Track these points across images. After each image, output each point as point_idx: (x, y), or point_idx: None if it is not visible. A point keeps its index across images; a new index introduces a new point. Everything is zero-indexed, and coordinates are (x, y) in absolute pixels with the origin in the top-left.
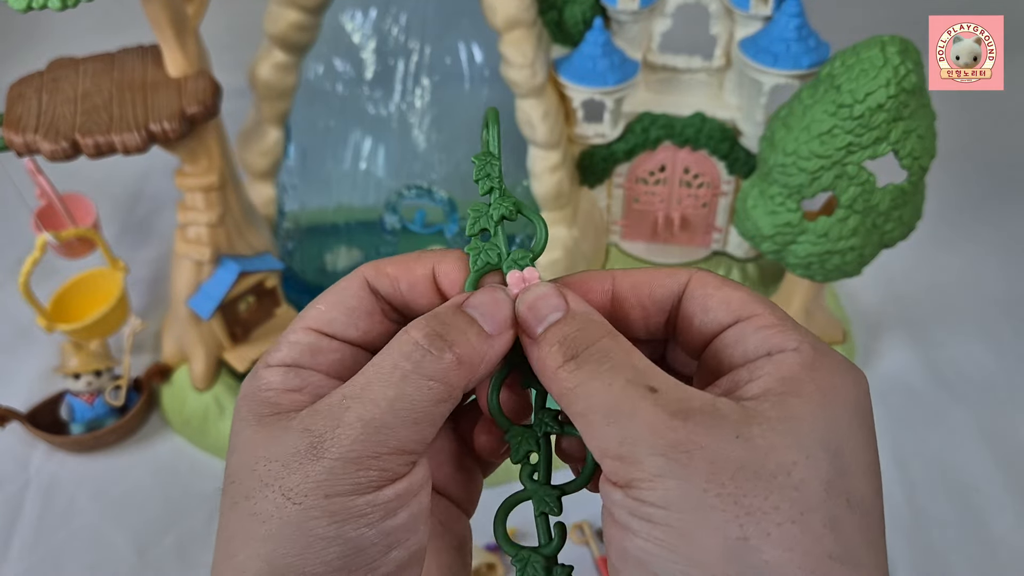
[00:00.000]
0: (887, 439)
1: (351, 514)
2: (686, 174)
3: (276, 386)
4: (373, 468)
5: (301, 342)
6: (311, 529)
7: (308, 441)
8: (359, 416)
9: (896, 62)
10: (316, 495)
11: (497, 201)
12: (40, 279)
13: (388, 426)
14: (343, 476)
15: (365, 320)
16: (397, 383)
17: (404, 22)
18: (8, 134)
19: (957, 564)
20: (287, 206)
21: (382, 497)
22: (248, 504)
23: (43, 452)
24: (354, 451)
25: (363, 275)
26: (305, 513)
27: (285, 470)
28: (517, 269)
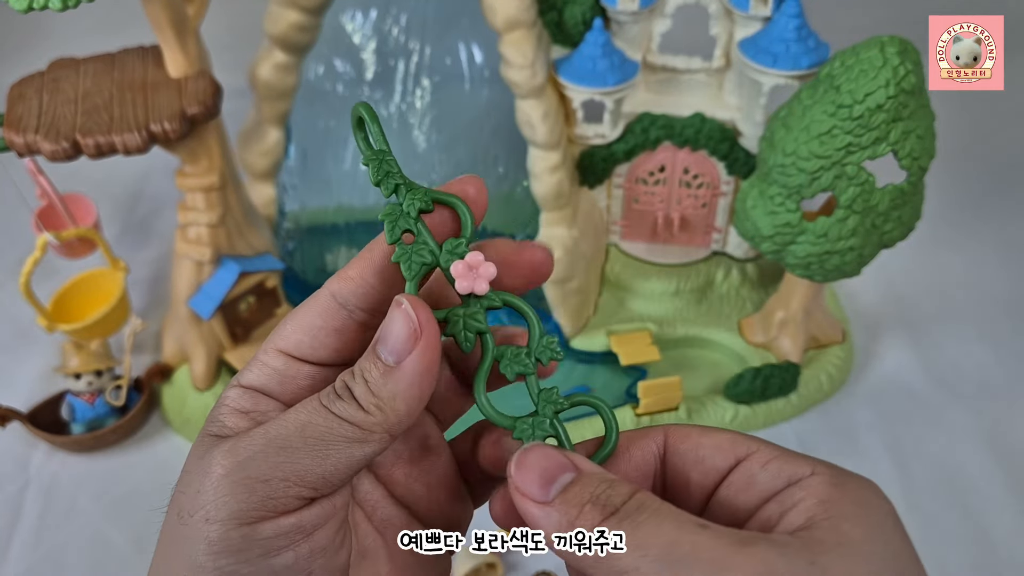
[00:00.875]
0: (887, 439)
1: (227, 546)
2: (686, 174)
3: (232, 405)
4: (255, 495)
5: (271, 365)
6: (195, 555)
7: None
8: (264, 433)
9: (895, 62)
10: (199, 516)
11: (408, 196)
12: (41, 279)
13: (291, 447)
14: (226, 499)
15: (334, 338)
16: (310, 412)
17: (404, 23)
18: (9, 134)
19: (957, 564)
20: (287, 206)
21: (260, 533)
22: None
23: (44, 452)
24: (242, 470)
25: (328, 290)
26: (191, 533)
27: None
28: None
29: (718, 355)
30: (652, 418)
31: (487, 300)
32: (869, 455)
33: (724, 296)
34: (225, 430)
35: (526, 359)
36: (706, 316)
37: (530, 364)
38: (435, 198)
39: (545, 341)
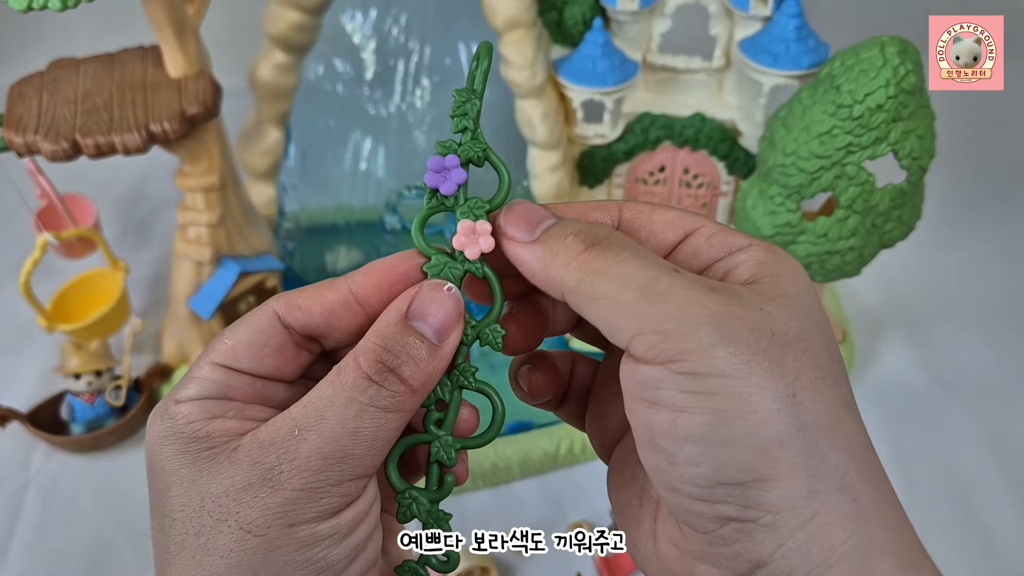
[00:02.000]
0: (887, 439)
1: (316, 538)
2: (686, 174)
3: (196, 418)
4: (335, 495)
5: (210, 378)
6: (279, 556)
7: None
8: (318, 449)
9: (895, 62)
10: (279, 525)
11: (468, 143)
12: (41, 279)
13: (352, 456)
14: (306, 506)
15: (274, 357)
16: (355, 416)
17: (404, 23)
18: (9, 134)
19: (957, 564)
20: (287, 206)
21: (344, 519)
22: (200, 540)
23: (43, 452)
24: (316, 482)
25: (273, 309)
26: (269, 543)
27: (239, 505)
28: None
29: None
30: None
31: (471, 265)
32: None
33: None
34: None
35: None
36: None
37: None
38: (489, 157)
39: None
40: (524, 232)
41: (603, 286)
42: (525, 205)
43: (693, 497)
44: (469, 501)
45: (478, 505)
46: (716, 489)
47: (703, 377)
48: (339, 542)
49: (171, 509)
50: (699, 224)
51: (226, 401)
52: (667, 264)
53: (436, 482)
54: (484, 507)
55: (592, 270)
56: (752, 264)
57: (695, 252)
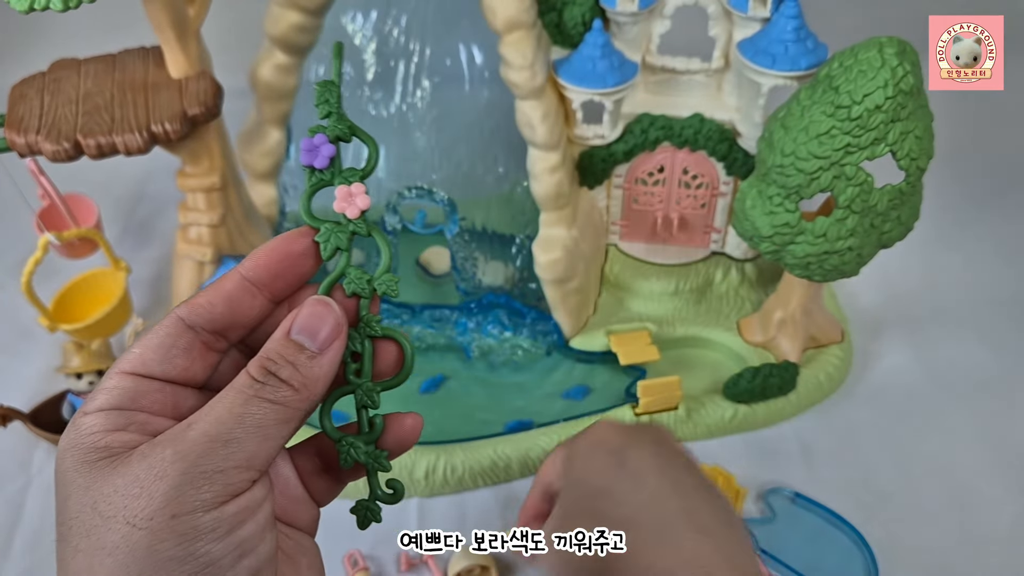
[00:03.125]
0: (886, 439)
1: (199, 531)
2: (685, 175)
3: (99, 429)
4: (217, 483)
5: (119, 387)
6: (161, 552)
7: (147, 465)
8: (204, 432)
9: (894, 63)
10: (162, 516)
11: (333, 123)
12: (42, 279)
13: (237, 439)
14: (189, 492)
15: (182, 357)
16: (242, 404)
17: (404, 24)
18: (10, 135)
19: (956, 564)
20: (288, 206)
21: (227, 511)
22: (90, 541)
23: (45, 451)
24: (199, 466)
25: (176, 315)
26: (152, 536)
27: (126, 499)
28: (346, 184)
29: (717, 355)
30: (652, 417)
31: (354, 225)
32: (868, 454)
33: (723, 296)
34: (113, 451)
35: (366, 284)
36: (705, 316)
37: (367, 289)
38: (354, 131)
39: (387, 277)
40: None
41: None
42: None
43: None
44: (469, 501)
45: (478, 505)
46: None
47: None
48: (222, 537)
49: (68, 517)
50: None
51: (132, 412)
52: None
53: (367, 426)
54: (484, 507)
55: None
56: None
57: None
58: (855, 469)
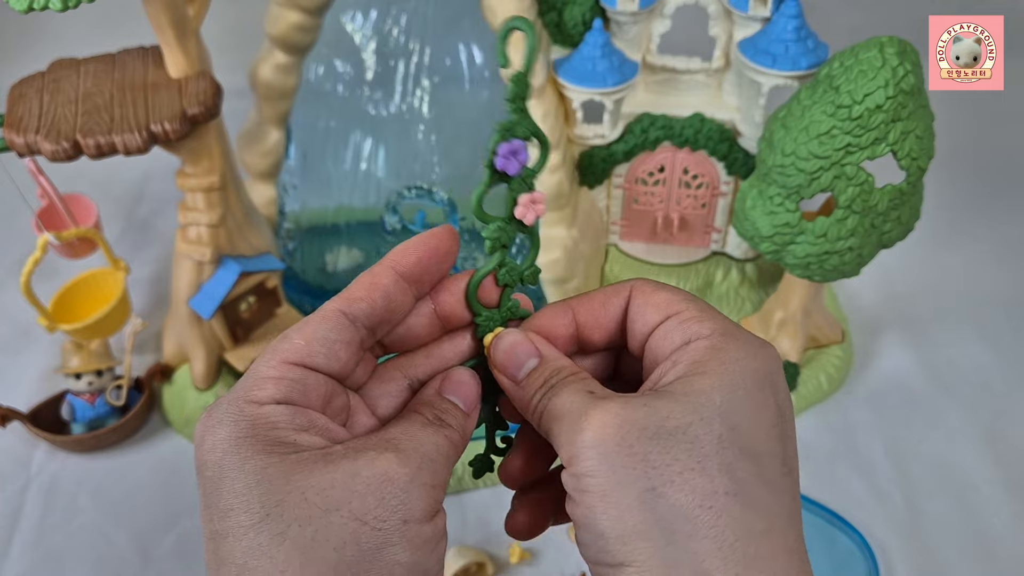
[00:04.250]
0: (885, 438)
1: (422, 539)
2: (685, 175)
3: (285, 424)
4: (430, 497)
5: (288, 377)
6: (391, 555)
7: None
8: (415, 448)
9: (894, 63)
10: (395, 519)
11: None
12: (41, 279)
13: (436, 462)
14: (414, 502)
15: (345, 350)
16: (432, 434)
17: (404, 23)
18: (9, 135)
19: (956, 564)
20: (288, 206)
21: (439, 524)
22: (309, 531)
23: (44, 451)
24: (418, 478)
25: (335, 308)
26: (385, 538)
27: (351, 495)
28: (526, 191)
29: None
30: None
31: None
32: (868, 455)
33: (723, 296)
34: (301, 448)
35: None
36: None
37: (516, 280)
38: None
39: (534, 268)
40: (512, 371)
41: (547, 424)
42: (512, 341)
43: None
44: (469, 501)
45: (478, 505)
46: (597, 567)
47: (581, 477)
48: (433, 550)
49: (261, 506)
50: (682, 308)
51: (307, 410)
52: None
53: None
54: (484, 507)
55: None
56: (687, 363)
57: (667, 334)
58: (855, 469)
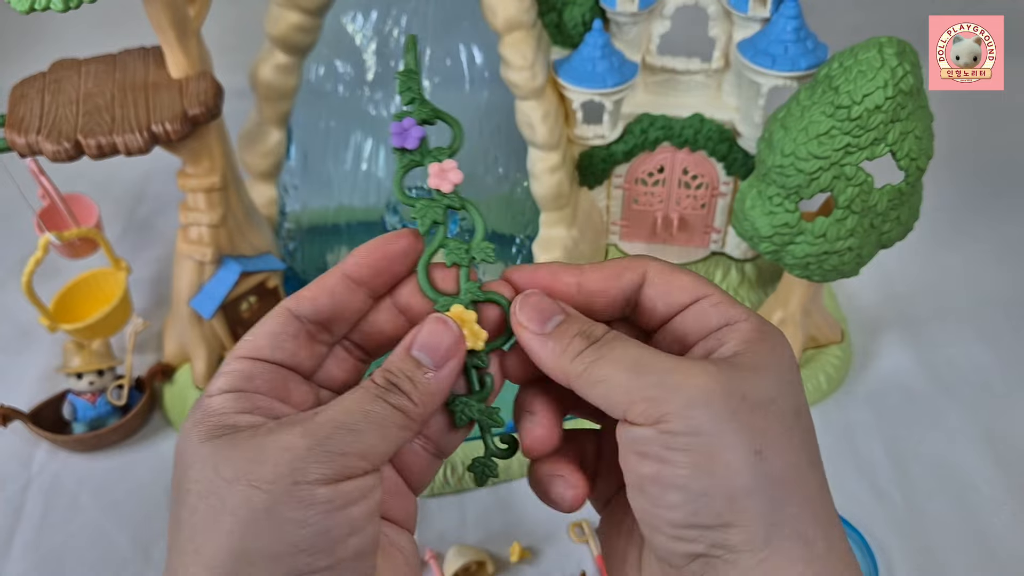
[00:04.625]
0: (885, 439)
1: (316, 500)
2: (685, 175)
3: (227, 410)
4: (337, 463)
5: (236, 369)
6: (280, 512)
7: (274, 439)
8: (332, 418)
9: (894, 64)
10: (284, 482)
11: (418, 108)
12: (43, 279)
13: (360, 430)
14: (311, 465)
15: (291, 342)
16: (370, 401)
17: (404, 24)
18: (11, 135)
19: (955, 563)
20: (288, 206)
21: (343, 488)
22: (211, 501)
23: (45, 451)
24: (324, 444)
25: (284, 306)
26: (273, 498)
27: (251, 464)
28: (437, 162)
29: None
30: None
31: (448, 199)
32: (867, 454)
33: None
34: (239, 429)
35: (464, 253)
36: None
37: (466, 258)
38: (437, 114)
39: (484, 244)
40: (537, 325)
41: (601, 372)
42: (538, 298)
43: (669, 536)
44: (469, 501)
45: (478, 505)
46: (689, 530)
47: (682, 435)
48: (335, 510)
49: (188, 484)
50: (709, 291)
51: (251, 394)
52: (649, 348)
53: (478, 384)
54: (484, 507)
55: (591, 360)
56: (739, 341)
57: (700, 315)
58: (855, 469)
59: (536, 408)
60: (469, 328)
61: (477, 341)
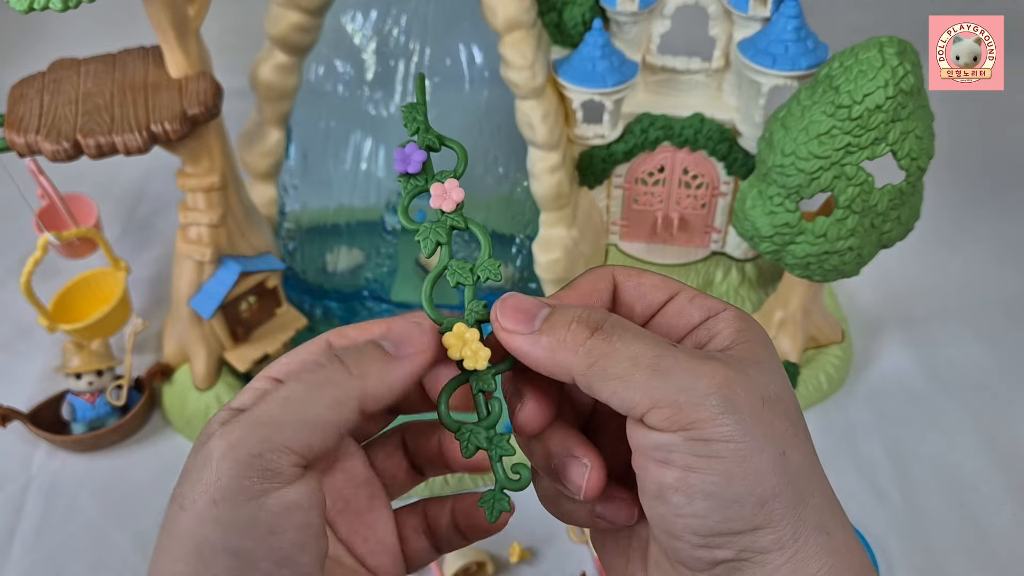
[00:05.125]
0: (885, 438)
1: (237, 523)
2: (685, 175)
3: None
4: (255, 467)
5: (263, 388)
6: (201, 538)
7: (206, 450)
8: (248, 415)
9: (894, 63)
10: (203, 500)
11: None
12: (42, 279)
13: (275, 422)
14: (228, 478)
15: None
16: (290, 387)
17: (404, 23)
18: (10, 135)
19: (955, 563)
20: (288, 206)
21: (267, 506)
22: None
23: (45, 451)
24: (239, 448)
25: (326, 339)
26: (194, 519)
27: (187, 482)
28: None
29: None
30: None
31: (452, 219)
32: (868, 454)
33: (723, 296)
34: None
35: (468, 273)
36: None
37: (470, 277)
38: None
39: (489, 262)
40: (523, 325)
41: (614, 368)
42: (516, 298)
43: (695, 544)
44: None
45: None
46: (716, 537)
47: (714, 443)
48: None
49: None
50: (680, 287)
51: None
52: (665, 341)
53: (484, 410)
54: None
55: (601, 354)
56: (731, 332)
57: (680, 311)
58: (855, 469)
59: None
60: (470, 347)
61: (478, 360)
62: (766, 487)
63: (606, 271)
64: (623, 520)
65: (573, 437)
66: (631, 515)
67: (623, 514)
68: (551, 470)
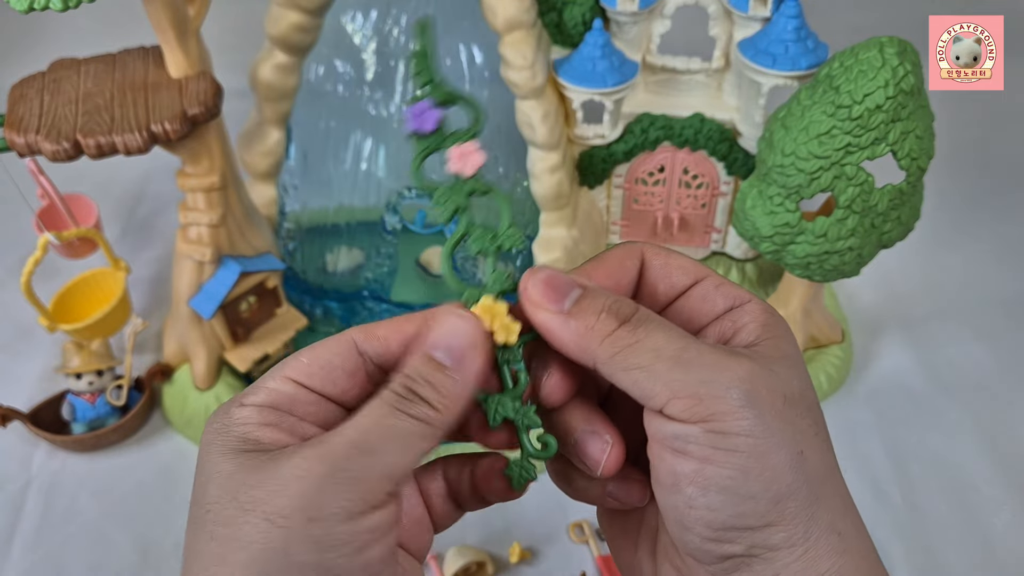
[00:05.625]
0: (885, 438)
1: (332, 541)
2: (685, 175)
3: (251, 421)
4: (355, 491)
5: (280, 389)
6: (293, 554)
7: (292, 464)
8: (349, 439)
9: (894, 63)
10: (299, 517)
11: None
12: (42, 279)
13: (376, 450)
14: (327, 498)
15: (345, 379)
16: (387, 415)
17: (404, 23)
18: (10, 135)
19: (955, 563)
20: (288, 206)
21: (362, 526)
22: (227, 531)
23: (45, 451)
24: (339, 470)
25: (351, 337)
26: (288, 536)
27: (268, 494)
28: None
29: None
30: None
31: (471, 183)
32: (868, 454)
33: None
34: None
35: (491, 241)
36: None
37: (491, 247)
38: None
39: (511, 231)
40: (553, 303)
41: (637, 358)
42: (548, 273)
43: (705, 537)
44: None
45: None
46: (728, 531)
47: (733, 437)
48: (352, 554)
49: (207, 502)
50: (706, 273)
51: (285, 414)
52: (689, 335)
53: (511, 381)
54: None
55: (625, 344)
56: (756, 325)
57: (705, 296)
58: (855, 469)
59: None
60: (500, 322)
61: (510, 336)
62: (782, 485)
63: (635, 248)
64: (635, 501)
65: (595, 413)
66: (643, 496)
67: (635, 495)
68: (569, 445)
